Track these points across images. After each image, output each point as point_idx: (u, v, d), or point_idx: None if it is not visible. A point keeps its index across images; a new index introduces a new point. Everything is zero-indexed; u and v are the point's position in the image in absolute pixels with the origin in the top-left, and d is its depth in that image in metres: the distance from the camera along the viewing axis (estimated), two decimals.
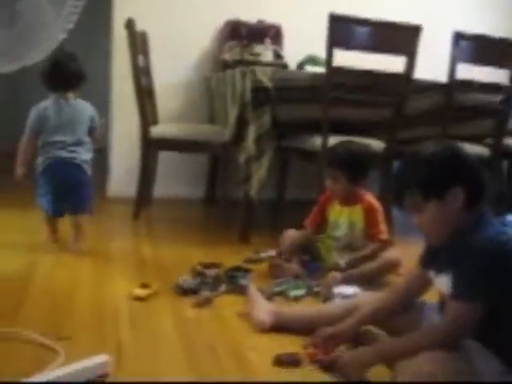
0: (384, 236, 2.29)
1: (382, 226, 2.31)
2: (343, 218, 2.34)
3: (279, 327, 1.71)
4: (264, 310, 1.76)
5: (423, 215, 1.37)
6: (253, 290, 1.88)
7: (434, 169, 1.35)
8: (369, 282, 2.15)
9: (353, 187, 2.31)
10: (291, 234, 2.43)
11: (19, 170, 2.49)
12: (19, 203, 3.32)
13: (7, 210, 3.23)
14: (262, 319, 1.72)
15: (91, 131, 2.57)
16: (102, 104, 4.52)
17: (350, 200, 2.34)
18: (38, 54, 2.70)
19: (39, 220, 2.61)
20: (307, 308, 1.90)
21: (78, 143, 2.51)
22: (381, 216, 2.32)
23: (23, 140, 2.51)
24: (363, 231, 2.32)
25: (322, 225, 2.40)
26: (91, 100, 2.64)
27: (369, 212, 2.31)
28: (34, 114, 2.50)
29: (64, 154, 2.47)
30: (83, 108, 2.56)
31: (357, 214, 2.32)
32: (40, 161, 2.49)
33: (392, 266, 2.28)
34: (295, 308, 1.92)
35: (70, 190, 2.49)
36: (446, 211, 1.34)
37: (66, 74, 2.50)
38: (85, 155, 2.54)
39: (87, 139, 2.55)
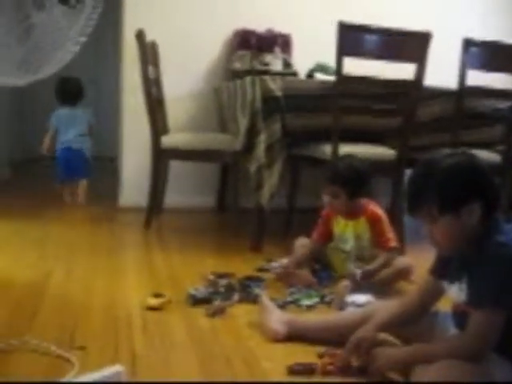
0: (393, 243, 2.27)
1: (390, 234, 2.28)
2: (349, 232, 2.33)
3: (293, 337, 1.71)
4: (277, 319, 1.75)
5: (437, 226, 1.35)
6: (265, 299, 1.87)
7: (454, 184, 1.32)
8: (381, 289, 2.14)
9: (352, 201, 2.29)
10: (303, 243, 2.43)
11: (46, 150, 4.07)
12: (24, 215, 3.36)
13: (13, 222, 3.26)
14: (276, 329, 1.72)
15: (90, 128, 4.09)
16: (114, 114, 4.57)
17: (353, 213, 2.32)
18: (52, 66, 2.75)
19: (46, 231, 3.10)
20: (321, 317, 1.88)
21: (82, 136, 4.03)
22: (386, 224, 2.29)
23: (48, 133, 4.06)
24: (370, 241, 2.31)
25: (328, 237, 2.40)
26: (103, 110, 2.83)
27: (374, 222, 2.29)
28: (53, 117, 4.06)
29: (73, 144, 4.00)
30: (84, 112, 4.10)
31: (361, 226, 2.31)
32: (58, 147, 4.03)
33: (404, 273, 2.27)
34: (309, 317, 1.91)
35: (76, 165, 4.00)
36: (462, 225, 1.33)
37: (72, 95, 4.06)
38: (86, 144, 4.06)
39: (87, 133, 4.07)
